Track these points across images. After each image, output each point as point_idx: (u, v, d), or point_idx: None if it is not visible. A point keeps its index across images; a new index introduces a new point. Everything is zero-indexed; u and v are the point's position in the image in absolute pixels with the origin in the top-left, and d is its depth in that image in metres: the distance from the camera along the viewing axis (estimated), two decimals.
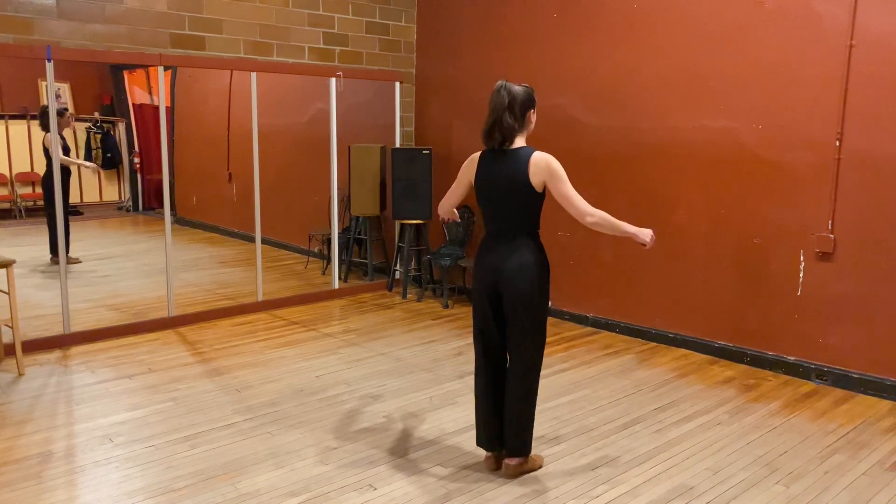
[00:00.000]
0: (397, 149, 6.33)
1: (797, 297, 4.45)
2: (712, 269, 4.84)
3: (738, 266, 4.71)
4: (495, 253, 3.07)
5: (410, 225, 6.38)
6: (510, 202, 3.04)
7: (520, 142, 3.07)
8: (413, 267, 6.67)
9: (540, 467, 3.24)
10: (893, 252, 4.06)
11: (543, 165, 2.98)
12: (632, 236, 3.07)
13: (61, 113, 7.16)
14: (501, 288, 3.05)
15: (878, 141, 4.06)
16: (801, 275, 4.43)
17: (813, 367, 4.40)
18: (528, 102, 3.07)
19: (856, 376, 4.23)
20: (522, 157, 3.00)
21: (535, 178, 2.98)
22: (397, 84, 6.61)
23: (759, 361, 4.64)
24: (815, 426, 3.75)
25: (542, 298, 3.06)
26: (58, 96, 10.08)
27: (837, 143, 4.20)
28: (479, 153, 3.15)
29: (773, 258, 4.54)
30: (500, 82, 3.07)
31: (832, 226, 4.27)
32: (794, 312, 4.47)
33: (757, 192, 4.57)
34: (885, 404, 4.05)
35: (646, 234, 3.09)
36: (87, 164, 9.48)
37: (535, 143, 3.12)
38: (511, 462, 3.15)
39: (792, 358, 4.50)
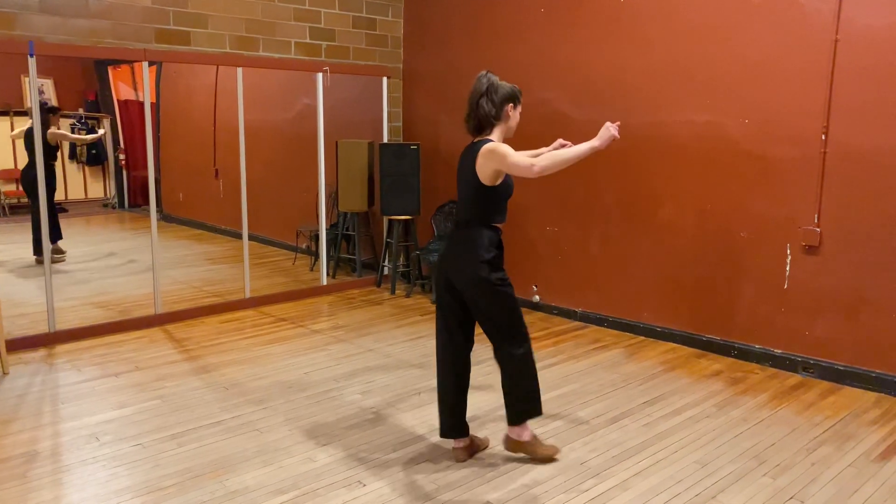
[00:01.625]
0: (385, 144, 6.31)
1: (784, 290, 4.47)
2: (700, 263, 4.86)
3: (725, 260, 4.73)
4: (447, 244, 3.19)
5: (399, 221, 6.36)
6: (462, 193, 3.13)
7: (494, 135, 3.08)
8: (401, 263, 6.66)
9: (549, 458, 3.23)
10: (879, 245, 4.09)
11: (486, 153, 2.96)
12: (594, 149, 2.98)
13: (53, 111, 7.11)
14: (451, 276, 3.12)
15: (863, 134, 4.08)
16: (787, 268, 4.45)
17: (799, 359, 4.43)
18: (509, 97, 3.07)
19: (842, 368, 4.26)
20: (476, 148, 3.03)
21: (483, 170, 2.99)
22: (384, 79, 6.59)
23: (746, 355, 4.66)
24: (802, 418, 3.77)
25: (490, 281, 3.04)
26: (41, 92, 9.98)
27: (823, 137, 4.22)
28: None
29: (759, 252, 4.56)
30: (482, 72, 3.11)
31: (818, 219, 4.29)
32: (781, 306, 4.49)
33: (743, 186, 4.59)
34: (871, 396, 4.08)
35: (605, 135, 3.00)
36: (90, 136, 9.41)
37: (521, 137, 3.12)
38: (511, 433, 3.19)
39: (779, 351, 4.53)
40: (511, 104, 3.09)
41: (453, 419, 3.25)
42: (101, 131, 9.85)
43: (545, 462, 3.23)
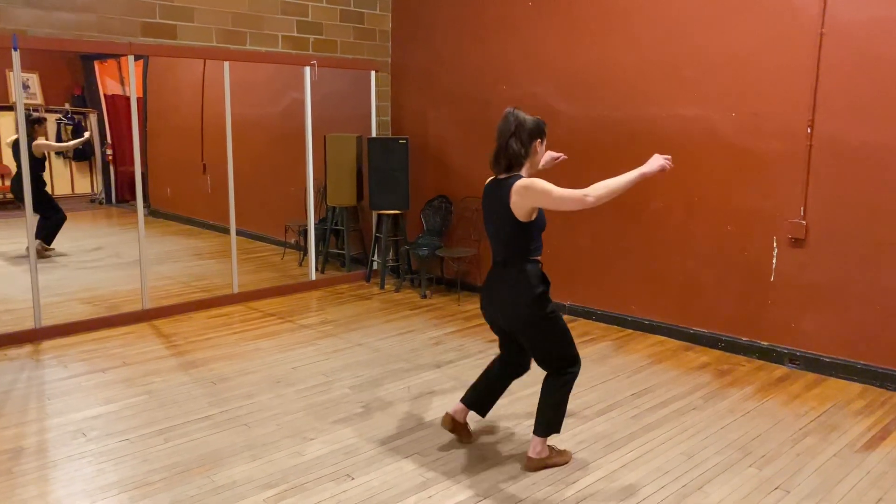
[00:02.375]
0: (373, 138, 6.29)
1: (770, 282, 4.50)
2: (687, 256, 4.88)
3: (712, 253, 4.76)
4: (490, 285, 3.12)
5: (388, 215, 6.36)
6: (497, 232, 3.05)
7: (523, 171, 3.01)
8: (391, 257, 6.65)
9: (565, 463, 3.20)
10: (864, 237, 4.12)
11: (522, 190, 2.89)
12: (644, 176, 2.96)
13: (39, 122, 7.10)
14: (502, 320, 3.10)
15: (848, 128, 4.11)
16: (774, 261, 4.48)
17: (786, 351, 4.47)
18: (536, 132, 3.00)
19: (827, 360, 4.30)
20: (508, 185, 2.94)
21: (519, 207, 2.91)
22: (373, 73, 6.57)
23: (733, 347, 4.69)
24: (788, 410, 3.80)
25: (542, 317, 3.01)
26: (26, 87, 9.90)
27: (809, 131, 4.24)
28: (490, 179, 3.10)
29: (746, 245, 4.59)
30: (508, 109, 3.02)
31: (804, 212, 4.32)
32: (768, 298, 4.52)
33: (730, 180, 4.61)
34: (856, 387, 4.12)
35: (655, 163, 2.98)
36: (73, 142, 9.38)
37: None
38: (531, 453, 3.14)
39: (765, 343, 4.56)
40: (539, 139, 3.02)
41: (472, 390, 3.32)
42: (86, 134, 9.79)
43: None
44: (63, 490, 2.95)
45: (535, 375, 3.26)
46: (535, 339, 3.06)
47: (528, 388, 3.99)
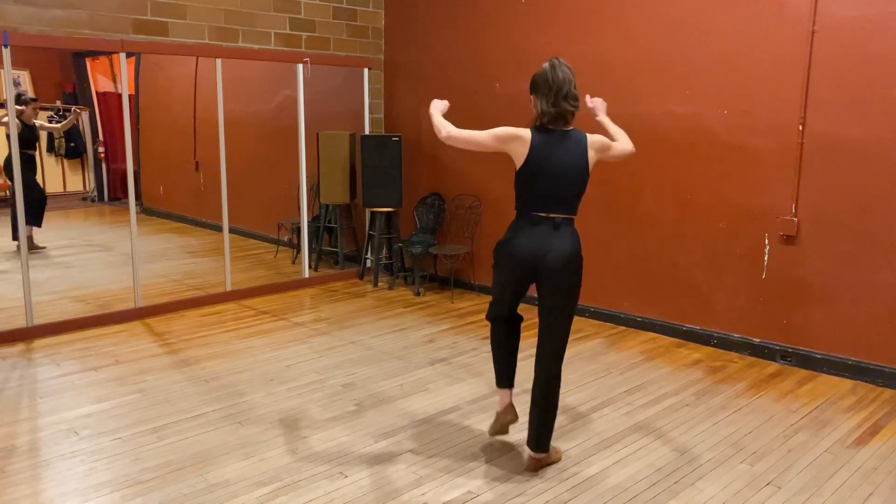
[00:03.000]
0: (367, 136, 6.29)
1: (762, 279, 4.52)
2: (679, 253, 4.90)
3: (704, 250, 4.77)
4: (541, 237, 2.94)
5: (381, 213, 6.35)
6: (572, 188, 2.94)
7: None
8: (384, 255, 6.65)
9: (558, 460, 3.20)
10: (855, 234, 4.14)
11: (598, 144, 2.99)
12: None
13: (27, 101, 6.99)
14: (542, 273, 2.94)
15: (839, 125, 4.13)
16: (765, 258, 4.50)
17: (778, 348, 4.49)
18: None
19: (819, 357, 4.32)
20: (582, 141, 2.93)
21: (592, 162, 2.97)
22: (366, 70, 6.56)
23: (725, 343, 4.71)
24: (780, 406, 3.82)
25: (579, 286, 3.04)
26: (17, 84, 9.84)
27: (800, 128, 4.26)
28: (526, 131, 2.94)
29: (738, 242, 4.60)
30: (552, 60, 2.97)
31: (796, 209, 4.34)
32: (760, 295, 4.54)
33: (722, 177, 4.63)
34: (847, 383, 4.14)
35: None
36: (62, 124, 9.28)
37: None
38: (536, 456, 3.10)
39: (757, 340, 4.58)
40: None
41: (509, 371, 3.27)
42: (74, 108, 9.66)
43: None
44: (55, 489, 2.94)
45: (529, 371, 3.26)
46: (570, 307, 3.00)
47: (519, 385, 4.00)
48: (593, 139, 2.99)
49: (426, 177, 6.46)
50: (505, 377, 3.26)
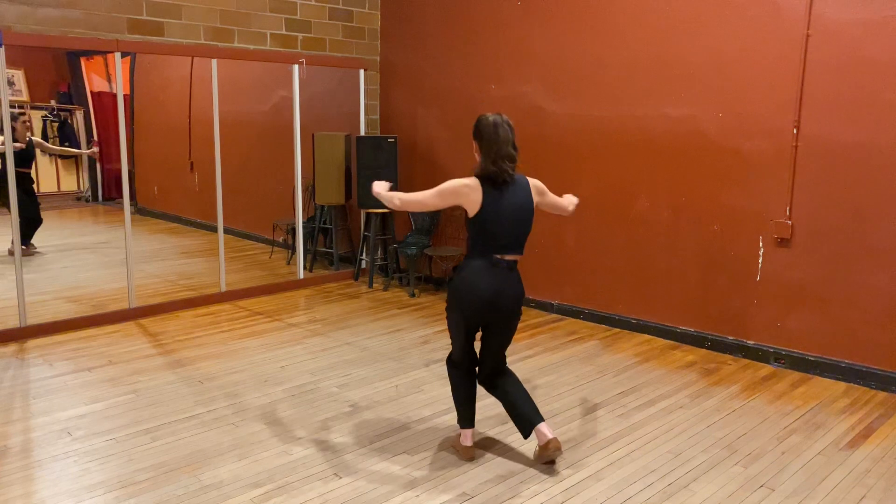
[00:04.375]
0: (362, 137, 6.28)
1: (756, 282, 4.53)
2: (674, 255, 4.91)
3: (699, 252, 4.78)
4: (509, 282, 3.10)
5: (376, 214, 6.35)
6: (523, 230, 3.11)
7: None
8: (379, 256, 6.65)
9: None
10: (849, 237, 4.15)
11: (541, 188, 3.17)
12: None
13: (14, 117, 6.98)
14: (509, 309, 3.12)
15: (833, 129, 4.14)
16: (760, 260, 4.51)
17: (771, 350, 4.50)
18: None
19: (812, 359, 4.33)
20: (525, 185, 3.09)
21: (535, 204, 3.14)
22: (361, 71, 6.56)
23: (719, 346, 4.72)
24: (773, 408, 3.83)
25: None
26: (11, 83, 9.80)
27: (795, 131, 4.28)
28: (473, 180, 3.02)
29: (732, 244, 4.62)
30: (494, 116, 3.04)
31: (790, 212, 4.35)
32: (754, 297, 4.55)
33: (717, 180, 4.64)
34: (840, 386, 4.15)
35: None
36: (68, 150, 9.29)
37: None
38: (553, 434, 3.15)
39: (751, 342, 4.59)
40: None
41: (471, 412, 3.31)
42: (95, 147, 9.66)
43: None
44: (48, 490, 2.93)
45: (524, 373, 3.26)
46: (513, 330, 3.21)
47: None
48: (534, 183, 3.14)
49: (421, 178, 6.45)
50: (469, 419, 3.29)
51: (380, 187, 3.25)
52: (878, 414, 3.77)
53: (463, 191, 3.02)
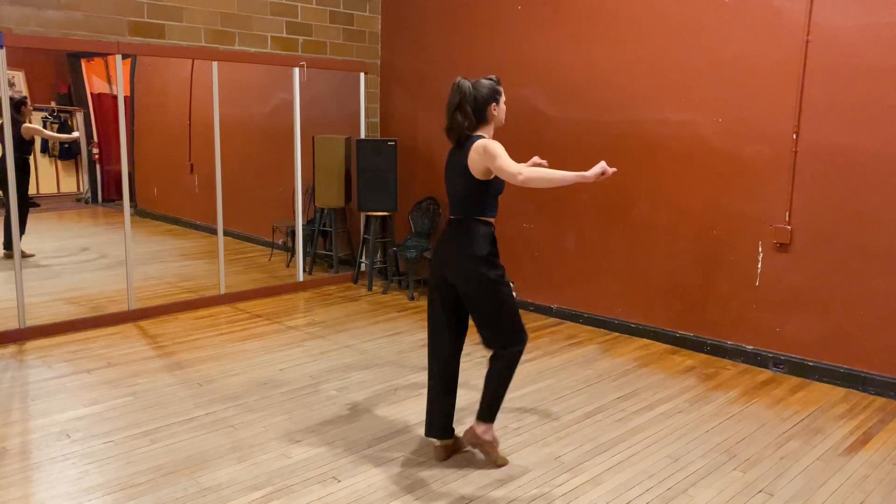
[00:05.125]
0: (362, 140, 6.29)
1: (755, 287, 4.54)
2: (673, 260, 4.91)
3: (698, 257, 4.79)
4: (441, 241, 3.19)
5: (376, 217, 6.35)
6: (454, 189, 3.14)
7: (484, 132, 3.08)
8: (378, 259, 6.65)
9: (497, 463, 3.20)
10: (848, 242, 4.16)
11: (479, 148, 2.96)
12: (583, 179, 2.89)
13: (23, 102, 6.98)
14: (448, 274, 3.11)
15: (832, 134, 4.15)
16: (759, 265, 4.51)
17: (770, 355, 4.50)
18: (489, 97, 3.04)
19: (811, 364, 4.34)
20: (468, 145, 3.03)
21: (475, 165, 2.99)
22: (362, 75, 6.56)
23: (718, 350, 4.73)
24: (772, 413, 3.83)
25: (488, 278, 3.03)
26: (11, 84, 9.80)
27: (794, 136, 4.28)
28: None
29: (732, 249, 4.62)
30: (456, 80, 3.05)
31: (789, 217, 4.36)
32: (753, 302, 4.56)
33: (716, 184, 4.65)
34: (839, 391, 4.16)
35: (598, 168, 2.90)
36: (66, 136, 9.28)
37: (499, 135, 3.13)
38: (477, 427, 3.16)
39: (750, 347, 4.59)
40: (494, 103, 3.06)
41: (441, 420, 3.22)
42: (75, 133, 9.69)
43: (496, 466, 3.18)
44: (46, 492, 2.93)
45: (523, 377, 3.27)
46: (479, 300, 3.05)
47: (513, 391, 4.01)
48: (479, 144, 2.99)
49: (421, 181, 6.46)
50: (428, 425, 3.28)
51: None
52: (877, 419, 3.77)
53: None
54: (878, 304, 4.08)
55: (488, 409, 3.17)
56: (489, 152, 2.93)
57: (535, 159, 3.48)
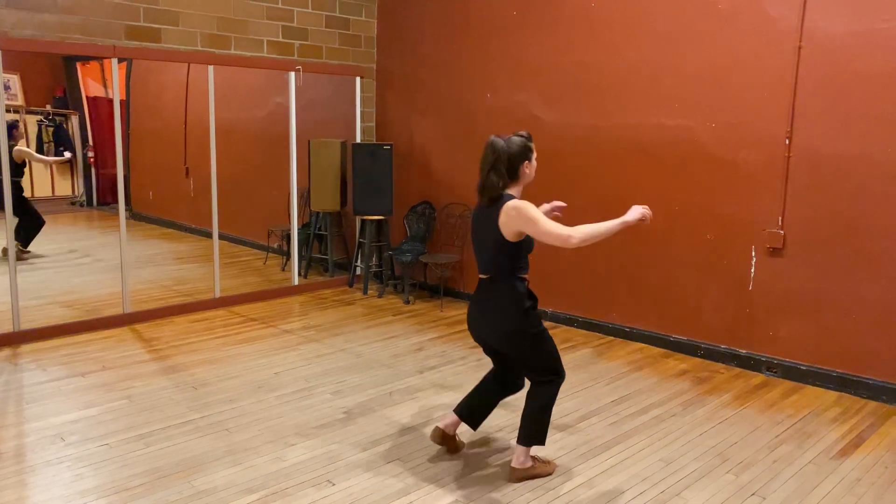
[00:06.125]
0: (358, 144, 6.31)
1: (749, 291, 4.56)
2: (667, 264, 4.94)
3: (692, 261, 4.81)
4: (477, 301, 3.12)
5: (371, 221, 6.36)
6: (484, 249, 3.06)
7: (513, 191, 3.01)
8: (374, 263, 6.66)
9: (549, 474, 3.19)
10: (840, 247, 4.19)
11: (512, 211, 2.90)
12: (626, 225, 2.99)
13: (14, 125, 7.00)
14: (485, 336, 3.13)
15: (825, 139, 4.18)
16: (752, 270, 4.54)
17: (763, 359, 4.52)
18: (521, 155, 2.99)
19: (804, 368, 4.36)
20: (498, 205, 2.96)
21: (507, 227, 2.93)
22: (357, 79, 6.58)
23: (711, 354, 4.75)
24: (765, 417, 3.85)
25: (530, 333, 3.04)
26: (7, 88, 9.81)
27: (787, 142, 4.31)
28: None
29: (725, 253, 4.65)
30: (490, 138, 3.00)
31: (782, 222, 4.38)
32: (746, 307, 4.58)
33: (710, 189, 4.68)
34: (831, 395, 4.18)
35: (635, 214, 3.00)
36: (57, 158, 9.31)
37: None
38: (515, 464, 3.13)
39: (743, 351, 4.62)
40: (526, 161, 3.01)
41: (466, 402, 3.31)
42: (66, 154, 9.69)
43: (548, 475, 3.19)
44: (41, 495, 2.93)
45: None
46: (523, 353, 3.09)
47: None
48: (510, 205, 2.93)
49: (417, 185, 6.48)
50: (461, 405, 3.33)
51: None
52: (869, 423, 3.79)
53: None
54: (870, 308, 4.11)
55: (526, 434, 3.12)
56: (524, 216, 2.88)
57: (556, 203, 3.41)
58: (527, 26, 5.51)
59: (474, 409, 3.31)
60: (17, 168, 6.87)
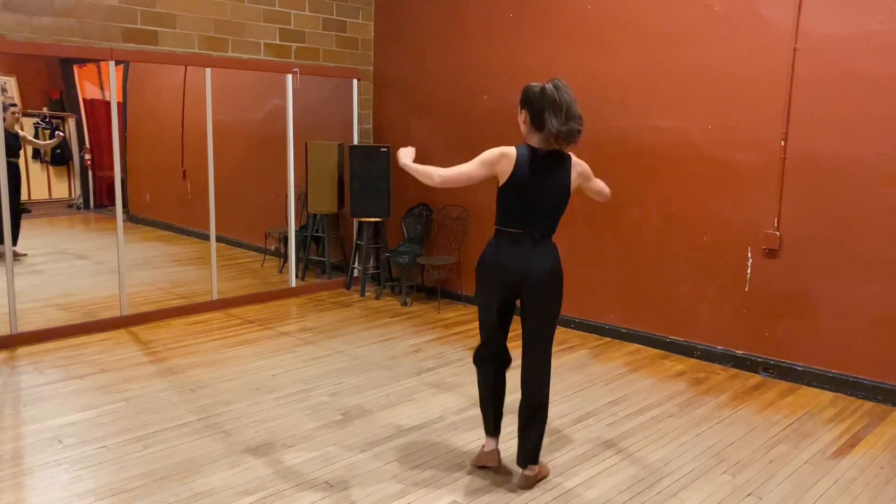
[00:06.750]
0: (355, 146, 6.31)
1: (745, 292, 4.58)
2: (664, 265, 4.95)
3: (688, 263, 4.82)
4: (521, 253, 2.96)
5: (369, 223, 6.37)
6: (551, 208, 2.97)
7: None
8: (371, 265, 6.67)
9: (548, 474, 3.18)
10: (836, 248, 4.21)
11: (581, 170, 3.01)
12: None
13: (5, 107, 6.96)
14: (526, 287, 2.97)
15: (820, 141, 4.20)
16: (748, 271, 4.55)
17: (760, 360, 4.54)
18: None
19: (800, 369, 4.37)
20: (566, 160, 2.94)
21: (574, 185, 3.00)
22: (355, 81, 6.59)
23: (708, 355, 4.76)
24: (761, 417, 3.87)
25: (562, 282, 3.10)
26: (3, 90, 9.80)
27: (783, 143, 4.33)
28: (511, 149, 2.93)
29: (722, 255, 4.66)
30: (552, 81, 2.90)
31: (778, 223, 4.40)
32: (742, 308, 4.60)
33: (706, 191, 4.69)
34: (827, 395, 4.20)
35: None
36: (49, 141, 9.28)
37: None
38: (529, 473, 3.08)
39: (740, 352, 4.63)
40: None
41: (492, 417, 3.21)
42: (59, 133, 9.69)
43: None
44: (38, 498, 2.92)
45: (515, 382, 3.28)
46: (557, 297, 3.05)
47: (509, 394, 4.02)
48: (577, 162, 3.00)
49: (414, 187, 6.48)
50: (492, 426, 3.22)
51: (406, 157, 3.07)
52: (865, 423, 3.81)
53: (504, 155, 2.91)
54: (865, 308, 4.12)
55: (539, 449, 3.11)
56: (587, 173, 3.04)
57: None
58: (523, 29, 5.53)
59: (499, 416, 3.23)
60: (12, 148, 6.69)
